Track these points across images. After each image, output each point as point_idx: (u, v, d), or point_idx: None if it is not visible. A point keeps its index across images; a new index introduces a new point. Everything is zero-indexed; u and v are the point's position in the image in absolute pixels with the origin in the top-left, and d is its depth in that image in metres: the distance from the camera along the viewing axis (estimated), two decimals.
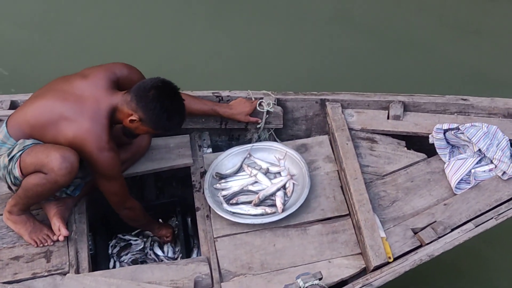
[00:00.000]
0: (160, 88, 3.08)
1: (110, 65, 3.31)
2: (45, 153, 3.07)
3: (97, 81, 3.17)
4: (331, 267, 3.20)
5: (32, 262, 3.31)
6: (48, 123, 3.12)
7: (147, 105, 3.03)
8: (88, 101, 3.10)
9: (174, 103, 3.11)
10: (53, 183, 3.09)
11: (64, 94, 3.15)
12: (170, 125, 3.14)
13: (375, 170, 3.50)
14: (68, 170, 3.04)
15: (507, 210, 3.24)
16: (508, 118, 3.57)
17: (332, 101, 3.70)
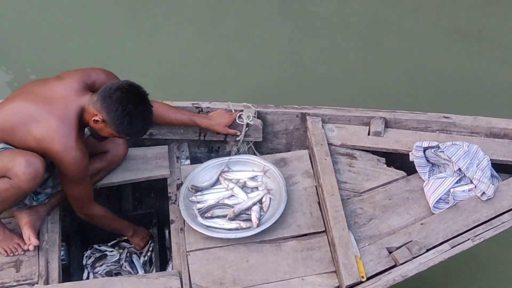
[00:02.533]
0: (126, 91, 3.05)
1: (88, 69, 3.32)
2: (11, 157, 3.06)
3: (71, 83, 3.17)
4: (304, 284, 3.18)
5: (1, 271, 3.31)
6: (18, 125, 3.11)
7: (110, 106, 3.01)
8: (57, 102, 3.11)
9: (138, 108, 3.07)
10: (16, 189, 3.06)
11: (35, 96, 3.15)
12: (131, 129, 3.10)
13: (353, 186, 3.48)
14: (32, 176, 3.02)
15: (484, 232, 3.22)
16: (490, 137, 3.56)
17: (313, 115, 3.68)
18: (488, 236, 3.22)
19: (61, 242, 3.53)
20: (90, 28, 5.46)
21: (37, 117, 3.07)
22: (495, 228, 3.23)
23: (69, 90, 3.14)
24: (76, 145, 3.08)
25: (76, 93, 3.13)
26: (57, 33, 5.43)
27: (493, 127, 3.55)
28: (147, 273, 3.71)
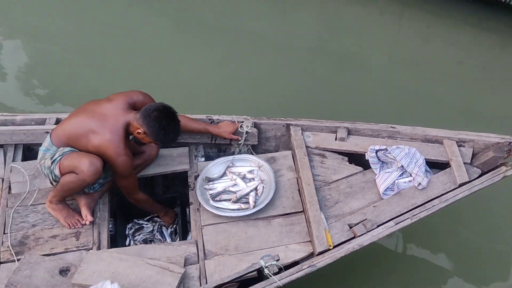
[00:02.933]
0: (161, 111, 3.12)
1: (129, 92, 3.35)
2: (78, 159, 3.14)
3: (118, 103, 3.23)
4: (287, 251, 3.20)
5: (65, 240, 3.32)
6: (81, 135, 3.19)
7: (149, 123, 3.08)
8: (109, 118, 3.17)
9: (171, 124, 3.15)
10: (82, 181, 3.14)
11: (93, 114, 3.21)
12: (165, 139, 3.18)
13: (324, 178, 3.48)
14: (93, 172, 3.10)
15: (420, 213, 3.24)
16: (425, 142, 3.55)
17: (294, 125, 3.68)
18: (423, 216, 3.24)
19: (109, 218, 3.54)
20: (128, 56, 5.45)
21: (95, 130, 3.14)
22: (428, 210, 3.25)
23: (117, 109, 3.20)
24: (124, 151, 3.15)
25: (123, 111, 3.19)
26: (104, 59, 5.43)
27: (427, 135, 3.55)
28: (173, 241, 3.72)
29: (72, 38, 5.52)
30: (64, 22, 5.65)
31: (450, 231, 4.24)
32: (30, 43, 5.48)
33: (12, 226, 3.34)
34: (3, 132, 3.69)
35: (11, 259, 3.20)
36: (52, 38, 5.49)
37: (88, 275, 3.04)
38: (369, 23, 5.75)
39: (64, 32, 5.59)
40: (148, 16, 5.82)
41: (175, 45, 5.55)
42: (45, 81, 5.16)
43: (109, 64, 5.32)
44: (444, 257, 4.15)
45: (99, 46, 5.49)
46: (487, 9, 5.75)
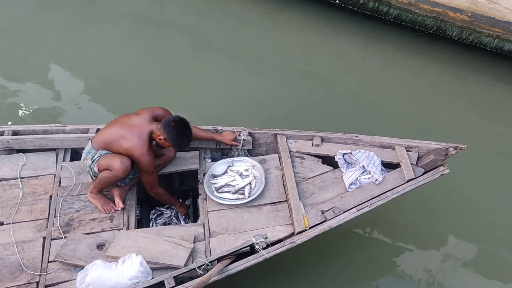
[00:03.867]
0: (177, 122, 3.16)
1: (153, 108, 3.36)
2: (112, 159, 3.16)
3: (144, 116, 3.25)
4: (273, 231, 3.20)
5: (101, 222, 3.33)
6: (114, 140, 3.21)
7: (169, 131, 3.12)
8: (137, 127, 3.19)
9: (185, 132, 3.18)
10: (115, 176, 3.15)
11: (124, 124, 3.23)
12: (181, 143, 3.20)
13: (303, 175, 3.48)
14: (124, 169, 3.11)
15: (377, 202, 3.24)
16: (381, 148, 3.55)
17: (281, 134, 3.68)
18: (379, 204, 3.24)
19: (137, 205, 3.54)
20: (153, 77, 5.46)
21: (125, 136, 3.16)
22: (382, 200, 3.25)
23: (143, 120, 3.22)
24: (148, 152, 3.16)
25: (148, 122, 3.21)
26: (133, 80, 5.43)
27: (383, 142, 3.55)
28: (186, 223, 3.70)
29: (107, 65, 5.55)
30: (99, 51, 5.67)
31: (400, 220, 4.25)
32: (78, 70, 5.51)
33: (61, 211, 3.35)
34: (56, 139, 3.70)
35: (60, 236, 3.21)
36: (94, 66, 5.53)
37: (119, 249, 3.06)
38: (341, 52, 5.74)
39: (101, 60, 5.62)
40: (168, 43, 5.83)
41: (190, 67, 5.54)
42: (88, 99, 5.19)
43: (137, 85, 5.32)
44: (396, 238, 4.14)
45: (129, 70, 5.51)
46: (434, 41, 5.78)
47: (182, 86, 5.28)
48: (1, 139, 3.67)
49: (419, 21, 5.80)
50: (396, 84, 5.45)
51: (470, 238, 4.17)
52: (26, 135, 3.75)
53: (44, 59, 5.59)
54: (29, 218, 3.33)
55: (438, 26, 5.72)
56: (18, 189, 3.48)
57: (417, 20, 5.80)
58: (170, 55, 5.59)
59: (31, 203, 3.41)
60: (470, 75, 5.55)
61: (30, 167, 3.63)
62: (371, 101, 5.19)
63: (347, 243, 4.05)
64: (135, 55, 5.64)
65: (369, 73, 5.60)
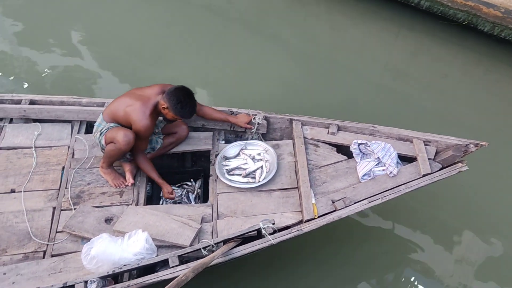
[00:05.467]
0: (180, 89, 3.15)
1: (164, 84, 3.34)
2: (116, 131, 3.17)
3: (154, 89, 3.25)
4: (282, 217, 3.18)
5: (111, 196, 3.34)
6: (121, 109, 3.22)
7: (170, 98, 3.11)
8: (144, 97, 3.20)
9: (186, 99, 3.15)
10: (118, 149, 3.16)
11: (133, 95, 3.24)
12: (182, 112, 3.16)
13: (316, 163, 3.44)
14: (126, 142, 3.12)
15: (389, 195, 3.18)
16: (399, 140, 3.48)
17: (296, 120, 3.64)
18: (391, 198, 3.18)
19: (148, 182, 3.55)
20: (173, 53, 5.43)
21: (130, 103, 3.17)
22: (395, 193, 3.19)
23: (152, 92, 3.23)
24: (147, 118, 3.14)
25: (156, 94, 3.21)
26: (153, 55, 5.40)
27: (400, 134, 3.48)
28: (196, 204, 3.72)
29: (129, 39, 5.54)
30: (123, 24, 5.67)
31: (410, 213, 4.18)
32: (100, 43, 5.53)
33: (72, 183, 3.38)
34: (72, 111, 3.74)
35: (69, 208, 3.24)
36: (116, 40, 5.53)
37: (126, 224, 3.08)
38: (369, 39, 5.62)
39: (123, 34, 5.60)
40: (192, 19, 5.79)
41: (212, 46, 5.49)
42: (107, 73, 5.19)
43: (158, 60, 5.29)
44: (406, 232, 4.08)
45: (151, 46, 5.48)
46: (467, 31, 5.63)
47: (202, 64, 5.24)
48: (18, 108, 3.73)
49: (451, 14, 5.66)
50: (424, 74, 5.32)
51: (484, 234, 4.09)
52: (43, 105, 3.79)
53: (67, 29, 5.63)
54: (40, 188, 3.37)
55: (470, 20, 5.57)
56: (31, 158, 3.53)
57: (449, 13, 5.67)
58: (193, 32, 5.55)
59: (43, 173, 3.46)
60: (501, 69, 5.37)
61: (45, 137, 3.68)
62: (396, 90, 5.07)
63: (353, 234, 4.01)
64: (159, 31, 5.62)
65: (397, 61, 5.46)
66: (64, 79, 5.11)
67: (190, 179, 3.88)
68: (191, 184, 3.87)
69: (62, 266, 2.95)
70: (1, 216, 3.21)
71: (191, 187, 3.86)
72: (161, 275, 2.83)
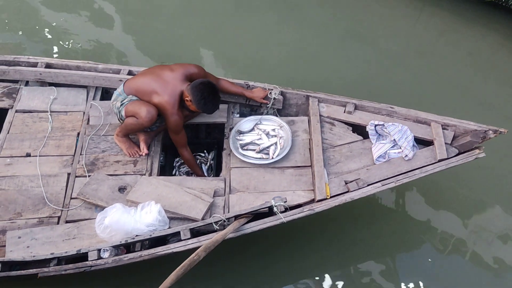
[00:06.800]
0: (205, 85, 3.11)
1: (188, 65, 3.31)
2: (139, 106, 3.15)
3: (178, 74, 3.21)
4: (294, 195, 3.18)
5: (125, 165, 3.36)
6: (146, 92, 3.20)
7: (194, 93, 3.07)
8: (170, 85, 3.16)
9: (210, 96, 3.12)
10: (140, 125, 3.16)
11: (158, 78, 3.21)
12: (205, 108, 3.17)
13: (331, 142, 3.42)
14: (149, 118, 3.11)
15: (403, 179, 3.17)
16: (416, 122, 3.43)
17: (313, 97, 3.59)
18: (405, 181, 3.17)
19: (161, 152, 3.56)
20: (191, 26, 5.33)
21: (157, 91, 3.15)
22: (410, 177, 3.17)
23: (176, 79, 3.19)
24: (177, 112, 3.15)
25: (180, 81, 3.18)
26: (169, 28, 5.33)
27: (418, 117, 3.43)
28: (208, 175, 3.73)
29: (147, 11, 5.47)
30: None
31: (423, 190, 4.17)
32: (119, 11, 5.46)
33: (87, 150, 3.40)
34: (88, 76, 3.72)
35: (83, 175, 3.27)
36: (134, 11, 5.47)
37: (139, 194, 3.11)
38: (393, 15, 5.48)
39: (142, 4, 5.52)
40: None
41: (231, 17, 5.39)
42: (122, 41, 5.15)
43: (174, 31, 5.22)
44: (418, 210, 4.08)
45: (169, 17, 5.40)
46: (496, 10, 5.46)
47: (220, 36, 5.17)
48: (34, 71, 3.72)
49: None
50: (449, 53, 5.20)
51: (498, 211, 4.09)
52: (59, 69, 3.78)
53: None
54: (55, 153, 3.40)
55: None
56: (47, 123, 3.55)
57: None
58: (212, 6, 5.47)
59: (58, 138, 3.48)
60: None
61: (60, 101, 3.69)
62: (418, 68, 4.97)
63: (365, 216, 4.00)
64: (177, 7, 5.54)
65: (421, 39, 5.34)
66: (80, 44, 5.07)
67: (204, 150, 3.89)
68: (204, 155, 3.89)
69: (76, 233, 3.00)
70: (17, 180, 3.25)
71: (204, 158, 3.87)
72: (172, 247, 2.87)
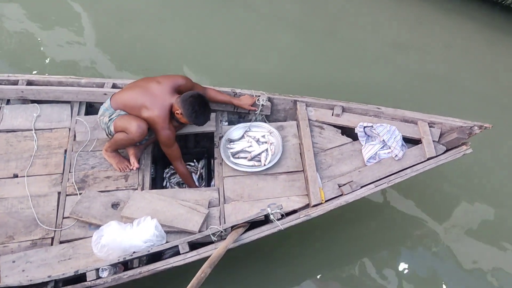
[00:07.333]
0: (195, 97, 3.10)
1: (175, 76, 3.28)
2: (129, 121, 3.11)
3: (166, 86, 3.18)
4: (288, 201, 3.20)
5: (116, 180, 3.32)
6: (135, 106, 3.16)
7: (185, 106, 3.05)
8: (159, 98, 3.13)
9: (201, 109, 3.12)
10: (131, 140, 3.13)
11: (146, 91, 3.17)
12: (196, 121, 3.15)
13: (321, 146, 3.44)
14: (140, 133, 3.08)
15: (395, 179, 3.22)
16: (403, 122, 3.48)
17: (300, 101, 3.60)
18: (397, 181, 3.22)
19: (152, 164, 3.53)
20: (173, 35, 5.30)
21: (147, 106, 3.11)
22: (401, 177, 3.23)
23: (164, 91, 3.15)
24: (168, 126, 3.13)
25: (169, 94, 3.15)
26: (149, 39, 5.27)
27: (405, 116, 3.48)
28: (199, 185, 3.72)
29: (124, 18, 5.39)
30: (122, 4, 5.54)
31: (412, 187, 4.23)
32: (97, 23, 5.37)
33: (76, 167, 3.35)
34: (71, 92, 3.65)
35: (74, 193, 3.23)
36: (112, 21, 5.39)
37: (134, 210, 3.08)
38: (367, 9, 5.51)
39: (118, 12, 5.45)
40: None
41: (209, 24, 5.36)
42: (104, 53, 5.09)
43: (155, 41, 5.16)
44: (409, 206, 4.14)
45: (147, 26, 5.34)
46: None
47: (201, 44, 5.13)
48: (15, 89, 3.64)
49: None
50: (427, 44, 5.24)
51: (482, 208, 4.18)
52: (41, 85, 3.71)
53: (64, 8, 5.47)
54: (44, 172, 3.34)
55: None
56: (32, 141, 3.48)
57: None
58: (190, 7, 5.42)
59: (45, 157, 3.41)
60: (506, 40, 5.31)
61: (44, 119, 3.61)
62: (395, 62, 5.02)
63: (360, 218, 4.04)
64: (155, 13, 5.51)
65: (397, 31, 5.38)
66: (60, 60, 4.98)
67: (193, 159, 3.87)
68: (194, 165, 3.88)
69: (71, 253, 2.96)
70: (6, 202, 3.19)
71: (194, 168, 3.87)
72: (172, 262, 2.86)
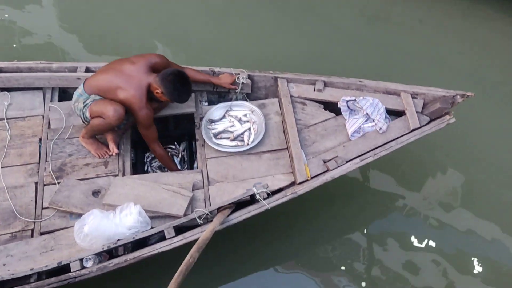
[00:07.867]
0: (176, 75, 2.99)
1: (148, 55, 3.17)
2: (105, 105, 3.01)
3: (141, 66, 3.08)
4: (274, 180, 3.15)
5: (96, 167, 3.23)
6: (110, 89, 3.05)
7: (166, 84, 2.95)
8: (134, 79, 3.03)
9: (183, 86, 3.03)
10: (108, 124, 3.03)
11: (120, 73, 3.06)
12: (178, 98, 3.06)
13: (304, 122, 3.38)
14: (117, 117, 2.98)
15: (380, 152, 3.19)
16: (386, 94, 3.43)
17: (281, 78, 3.53)
18: (383, 155, 3.19)
19: (131, 149, 3.45)
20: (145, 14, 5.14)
21: (122, 87, 3.01)
22: (386, 150, 3.20)
23: (140, 71, 3.05)
24: (145, 105, 3.03)
25: (145, 73, 3.05)
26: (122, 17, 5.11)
27: (388, 88, 3.43)
28: (181, 167, 3.65)
29: None
30: None
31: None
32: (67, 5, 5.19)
33: (52, 155, 3.25)
34: (42, 77, 3.52)
35: (52, 182, 3.13)
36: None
37: (116, 197, 3.00)
38: None
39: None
40: None
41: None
42: (75, 35, 4.92)
43: (125, 21, 5.03)
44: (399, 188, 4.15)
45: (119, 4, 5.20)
46: None
47: (176, 22, 5.00)
48: None
49: None
50: (400, 20, 5.20)
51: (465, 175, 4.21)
52: (10, 72, 3.56)
53: None
54: (19, 162, 3.23)
55: None
56: (5, 131, 3.35)
57: None
58: None
59: (20, 146, 3.30)
60: (482, 11, 5.29)
61: (16, 107, 3.48)
62: (372, 38, 4.99)
63: (347, 193, 4.03)
64: None
65: (371, 6, 5.35)
66: (29, 44, 4.79)
67: (174, 142, 3.79)
68: (175, 147, 3.80)
69: (53, 244, 2.88)
70: None
71: (175, 150, 3.79)
72: (158, 247, 2.81)
